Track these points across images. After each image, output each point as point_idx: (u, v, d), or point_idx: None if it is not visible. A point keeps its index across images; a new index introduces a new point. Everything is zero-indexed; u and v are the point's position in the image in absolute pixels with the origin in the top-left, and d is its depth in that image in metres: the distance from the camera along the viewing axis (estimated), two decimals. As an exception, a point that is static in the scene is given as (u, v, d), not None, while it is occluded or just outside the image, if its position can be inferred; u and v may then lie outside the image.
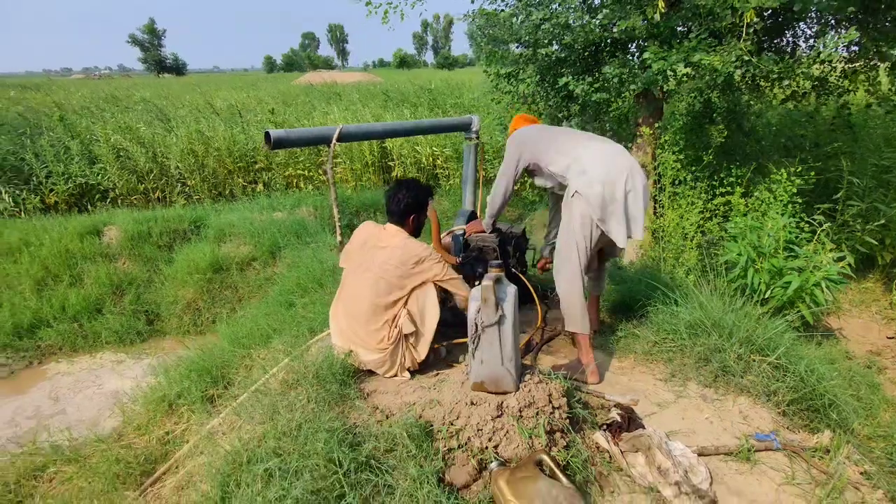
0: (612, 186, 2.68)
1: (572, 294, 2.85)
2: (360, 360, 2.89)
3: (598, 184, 2.67)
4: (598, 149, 2.80)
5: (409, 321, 2.79)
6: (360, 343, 2.85)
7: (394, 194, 2.87)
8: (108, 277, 5.49)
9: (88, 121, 8.82)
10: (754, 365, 2.78)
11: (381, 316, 2.78)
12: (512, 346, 2.12)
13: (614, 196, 2.68)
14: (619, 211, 2.70)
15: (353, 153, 8.19)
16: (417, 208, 2.89)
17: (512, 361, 2.13)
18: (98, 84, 31.44)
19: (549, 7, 4.65)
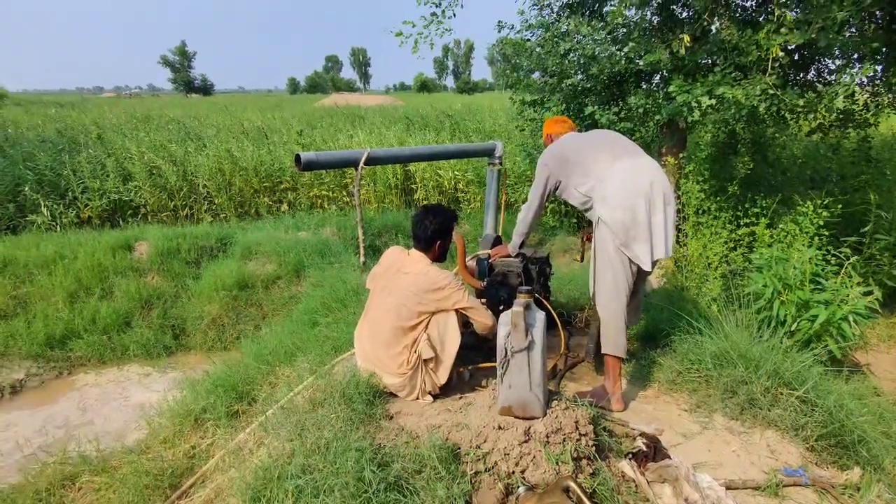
0: (633, 211, 2.71)
1: (609, 314, 2.90)
2: (382, 382, 2.94)
3: (618, 210, 2.73)
4: (620, 169, 2.81)
5: (428, 346, 2.83)
6: (381, 366, 2.90)
7: (420, 220, 2.93)
8: (137, 291, 5.64)
9: (122, 139, 9.14)
10: (782, 398, 2.77)
11: (402, 340, 2.83)
12: (540, 372, 2.15)
13: (636, 220, 2.71)
14: (642, 234, 2.74)
15: (377, 175, 8.34)
16: (443, 234, 2.95)
17: (540, 387, 2.16)
18: (129, 103, 32.52)
19: (574, 38, 4.76)
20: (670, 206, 2.79)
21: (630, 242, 2.76)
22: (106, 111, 18.17)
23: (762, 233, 4.24)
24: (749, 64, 3.79)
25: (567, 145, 3.08)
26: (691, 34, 4.00)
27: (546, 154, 3.11)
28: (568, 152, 3.03)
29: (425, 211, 2.97)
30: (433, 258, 3.00)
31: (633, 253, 2.76)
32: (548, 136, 3.36)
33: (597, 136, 3.13)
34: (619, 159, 2.84)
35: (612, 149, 2.92)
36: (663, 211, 2.75)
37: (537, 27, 4.97)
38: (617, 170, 2.81)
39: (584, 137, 3.14)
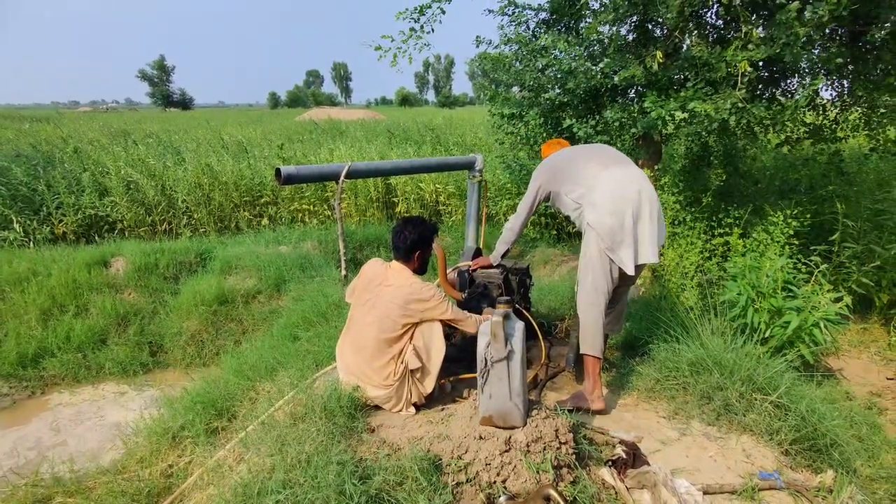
0: (621, 216, 2.81)
1: (588, 316, 2.97)
2: (366, 395, 2.94)
3: (607, 215, 2.83)
4: (609, 178, 2.92)
5: (414, 357, 2.85)
6: (365, 379, 2.90)
7: (400, 231, 2.96)
8: (113, 308, 5.54)
9: (99, 153, 9.01)
10: (756, 404, 2.83)
11: (387, 352, 2.84)
12: (520, 382, 2.17)
13: (623, 225, 2.82)
14: (627, 239, 2.83)
15: (358, 189, 8.36)
16: (423, 245, 2.97)
17: (520, 396, 2.18)
18: (106, 117, 32.09)
19: (551, 54, 4.87)
20: (657, 213, 2.89)
21: (616, 247, 2.86)
22: (82, 125, 17.91)
23: (736, 242, 4.35)
24: (719, 79, 3.91)
25: (558, 157, 3.23)
26: (664, 51, 4.12)
27: (539, 166, 3.26)
28: (559, 163, 3.18)
29: (405, 222, 3.01)
30: (414, 269, 3.03)
31: (618, 257, 2.85)
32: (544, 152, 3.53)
33: (587, 148, 3.29)
34: (608, 168, 2.96)
35: (601, 158, 3.04)
36: (650, 217, 2.86)
37: (515, 42, 5.07)
38: (606, 178, 2.92)
39: (575, 149, 3.29)
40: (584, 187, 2.98)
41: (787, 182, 5.41)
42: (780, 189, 5.28)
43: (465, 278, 3.83)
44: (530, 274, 4.06)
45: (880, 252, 4.80)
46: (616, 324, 3.33)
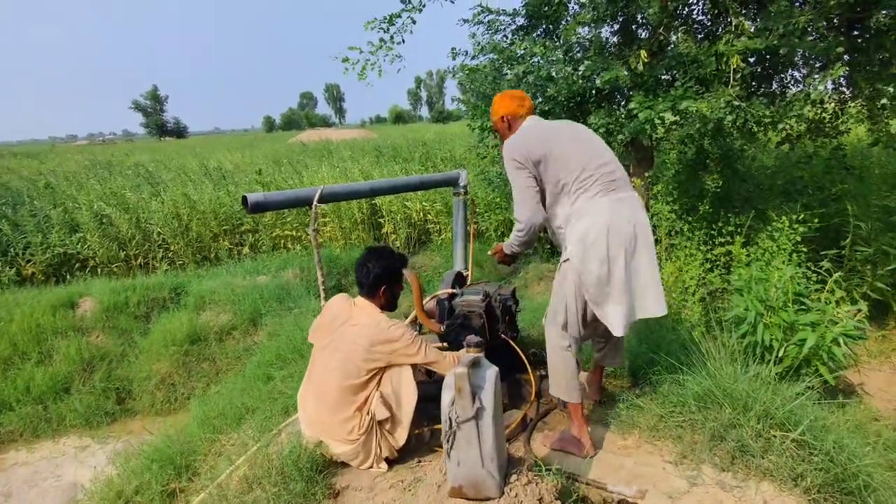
0: (611, 264, 2.34)
1: (556, 357, 2.58)
2: (330, 452, 2.58)
3: (594, 261, 2.33)
4: (602, 207, 2.36)
5: (382, 406, 2.50)
6: (329, 433, 2.55)
7: (362, 264, 2.64)
8: (78, 353, 5.18)
9: (74, 188, 8.72)
10: (775, 442, 2.45)
11: (351, 402, 2.49)
12: (493, 444, 1.81)
13: (613, 275, 2.34)
14: (617, 293, 2.36)
15: (342, 211, 8.04)
16: (388, 279, 2.64)
17: (494, 462, 1.82)
18: (99, 149, 32.00)
19: (530, 61, 4.57)
20: (653, 252, 2.43)
21: (602, 301, 2.38)
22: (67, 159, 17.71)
23: (738, 252, 4.00)
24: (709, 76, 3.60)
25: (535, 141, 2.48)
26: (648, 49, 3.81)
27: (510, 148, 2.49)
28: (539, 149, 2.44)
29: (368, 254, 2.68)
30: (380, 306, 2.69)
31: (604, 313, 2.40)
32: (501, 119, 2.68)
33: (575, 144, 2.47)
34: (604, 194, 2.39)
35: (595, 176, 2.41)
36: (648, 259, 2.40)
37: (490, 51, 4.78)
38: (598, 206, 2.36)
39: (557, 136, 2.49)
40: (571, 207, 2.45)
41: (791, 182, 5.06)
42: (783, 190, 4.93)
43: (444, 307, 3.47)
44: (516, 298, 3.69)
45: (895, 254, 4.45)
46: (614, 356, 2.92)
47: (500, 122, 2.69)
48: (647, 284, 2.40)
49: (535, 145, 2.46)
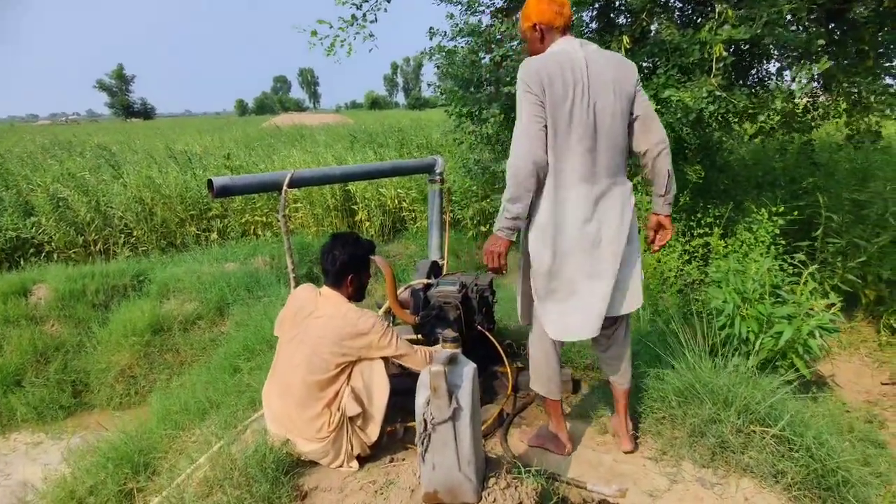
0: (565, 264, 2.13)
1: (536, 349, 2.42)
2: (297, 450, 2.44)
3: (547, 251, 2.12)
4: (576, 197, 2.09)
5: (353, 401, 2.37)
6: (295, 431, 2.41)
7: (328, 251, 2.49)
8: (31, 343, 4.90)
9: (29, 169, 8.26)
10: (755, 438, 2.42)
11: (319, 398, 2.35)
12: (470, 446, 1.70)
13: (566, 279, 2.14)
14: (562, 294, 2.17)
15: (314, 197, 7.80)
16: (356, 267, 2.50)
17: (471, 465, 1.71)
18: (61, 130, 30.67)
19: (509, 44, 4.43)
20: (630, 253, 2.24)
21: (547, 298, 2.19)
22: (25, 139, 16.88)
23: (717, 243, 3.98)
24: (691, 65, 3.52)
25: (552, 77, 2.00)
26: (630, 35, 3.71)
27: (526, 68, 2.04)
28: (557, 86, 1.99)
29: (333, 241, 2.53)
30: (348, 296, 2.55)
31: (545, 310, 2.21)
32: (532, 27, 2.16)
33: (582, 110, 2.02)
34: (585, 180, 2.09)
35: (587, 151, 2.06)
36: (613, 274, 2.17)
37: (468, 34, 4.61)
38: (573, 195, 2.09)
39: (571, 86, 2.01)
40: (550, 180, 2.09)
41: (766, 175, 5.07)
42: (759, 183, 4.94)
43: (419, 298, 3.35)
44: (493, 289, 3.59)
45: (866, 246, 4.49)
46: (614, 369, 2.49)
47: (532, 30, 2.17)
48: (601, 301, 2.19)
49: (556, 79, 2.00)
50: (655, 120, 2.17)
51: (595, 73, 2.03)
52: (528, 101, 2.02)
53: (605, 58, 2.10)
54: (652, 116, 2.17)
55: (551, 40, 2.14)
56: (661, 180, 2.21)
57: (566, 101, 2.00)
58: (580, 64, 2.03)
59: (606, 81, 2.04)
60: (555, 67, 2.00)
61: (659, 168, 2.19)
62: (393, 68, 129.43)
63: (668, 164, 2.19)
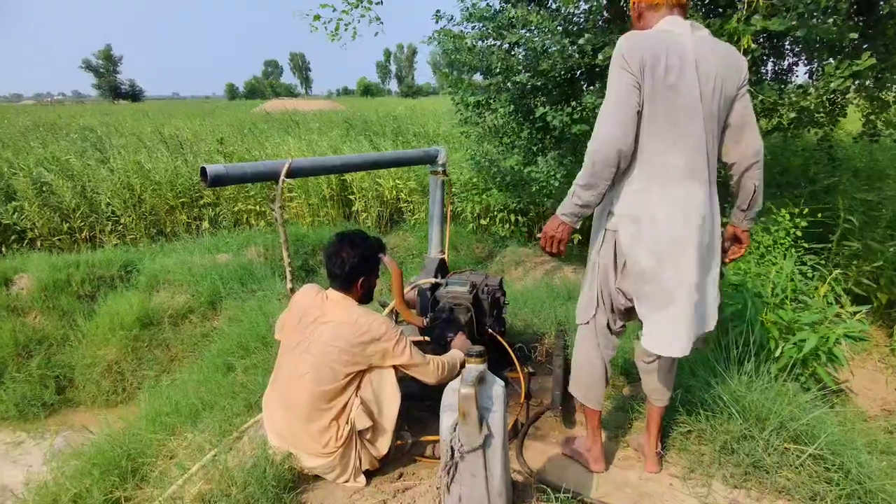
0: (664, 266, 1.88)
1: (579, 351, 2.23)
2: (301, 465, 2.27)
3: (644, 253, 1.88)
4: (677, 195, 1.85)
5: (363, 414, 2.19)
6: (300, 445, 2.23)
7: (335, 253, 2.26)
8: (12, 336, 4.66)
9: (11, 152, 7.92)
10: (790, 456, 2.27)
11: (326, 411, 2.17)
12: (502, 477, 1.53)
13: (662, 276, 1.89)
14: (657, 301, 1.91)
15: (310, 187, 7.57)
16: (367, 270, 2.30)
17: (503, 497, 1.54)
18: (45, 110, 29.91)
19: (521, 32, 4.22)
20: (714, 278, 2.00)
21: (643, 298, 1.94)
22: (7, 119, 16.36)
23: (734, 245, 3.82)
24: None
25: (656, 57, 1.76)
26: (652, 24, 3.52)
27: (621, 44, 1.80)
28: (659, 65, 1.75)
29: (341, 241, 2.30)
30: (357, 299, 2.35)
31: (643, 313, 1.96)
32: (633, 5, 1.96)
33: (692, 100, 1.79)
34: (692, 177, 1.85)
35: (695, 147, 1.83)
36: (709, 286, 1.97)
37: (478, 19, 4.39)
38: (679, 192, 1.85)
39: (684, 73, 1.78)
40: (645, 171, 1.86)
41: (787, 173, 4.91)
42: (777, 182, 4.78)
43: (426, 298, 3.16)
44: (504, 289, 3.41)
45: (882, 249, 4.38)
46: (656, 385, 2.27)
47: (633, 8, 1.98)
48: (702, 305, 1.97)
49: (660, 60, 1.76)
50: (751, 130, 1.90)
51: (701, 65, 1.78)
52: (624, 81, 1.77)
53: (714, 48, 1.82)
54: (748, 126, 1.90)
55: (651, 19, 1.88)
56: (745, 195, 2.00)
57: (671, 87, 1.77)
58: (687, 50, 1.78)
59: (710, 75, 1.79)
60: (660, 48, 1.75)
61: (745, 183, 1.98)
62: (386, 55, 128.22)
63: (758, 178, 1.95)
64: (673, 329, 1.90)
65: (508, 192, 6.05)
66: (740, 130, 1.90)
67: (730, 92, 1.84)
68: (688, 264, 1.86)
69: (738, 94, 1.87)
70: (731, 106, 1.87)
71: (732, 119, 1.89)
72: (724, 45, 1.88)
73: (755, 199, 1.99)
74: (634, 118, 1.77)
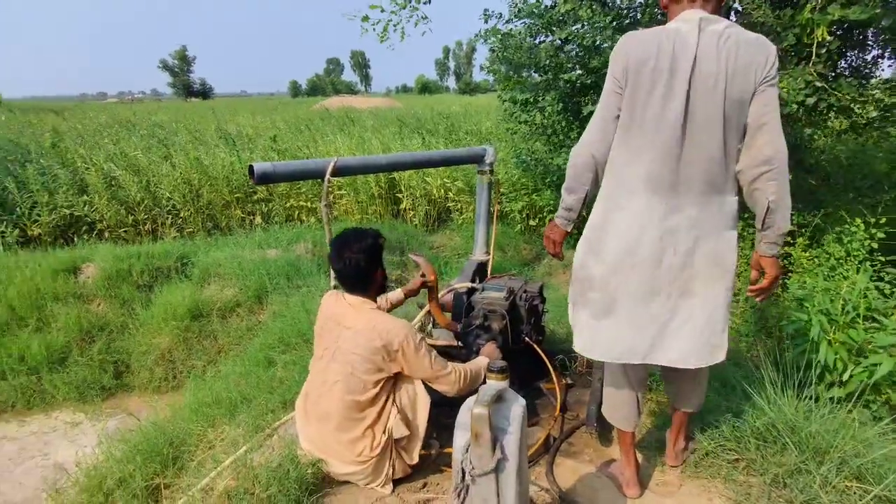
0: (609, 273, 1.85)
1: (607, 372, 2.15)
2: (332, 471, 2.25)
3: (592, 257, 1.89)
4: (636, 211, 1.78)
5: (401, 423, 2.16)
6: (332, 453, 2.21)
7: (340, 257, 2.19)
8: (77, 322, 4.94)
9: (85, 148, 8.45)
10: (852, 496, 2.04)
11: (359, 420, 2.14)
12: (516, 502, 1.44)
13: (603, 286, 1.86)
14: (598, 308, 1.90)
15: (359, 185, 7.65)
16: (375, 260, 2.23)
17: (516, 524, 1.45)
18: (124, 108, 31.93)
19: (571, 27, 4.05)
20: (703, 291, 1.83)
21: (581, 306, 1.96)
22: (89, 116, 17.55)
23: (800, 256, 3.52)
24: (786, 51, 3.07)
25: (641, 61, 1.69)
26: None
27: (617, 46, 1.77)
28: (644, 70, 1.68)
29: (339, 245, 2.22)
30: (375, 296, 2.32)
31: (577, 319, 1.99)
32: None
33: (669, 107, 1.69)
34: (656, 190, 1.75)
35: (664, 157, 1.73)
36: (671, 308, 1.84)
37: (527, 15, 4.25)
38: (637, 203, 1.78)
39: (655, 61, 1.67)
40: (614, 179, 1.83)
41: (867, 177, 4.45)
42: (857, 187, 4.36)
43: (462, 302, 3.08)
44: (544, 296, 3.28)
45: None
46: (680, 398, 2.20)
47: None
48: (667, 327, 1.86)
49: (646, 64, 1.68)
50: (767, 133, 1.69)
51: (702, 65, 1.65)
52: (608, 85, 1.78)
53: (724, 45, 1.65)
54: (765, 128, 1.69)
55: (673, 12, 1.77)
56: (758, 211, 1.73)
57: (650, 93, 1.69)
58: (688, 49, 1.65)
59: (713, 75, 1.64)
60: (651, 50, 1.67)
61: (755, 197, 1.73)
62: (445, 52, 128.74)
63: (772, 193, 1.69)
64: (615, 335, 1.89)
65: (553, 192, 5.87)
66: (753, 134, 1.71)
67: (740, 92, 1.66)
68: (638, 278, 1.80)
69: (755, 93, 1.68)
70: (745, 107, 1.69)
71: (749, 121, 1.71)
72: (742, 41, 1.66)
73: (772, 217, 1.72)
74: (612, 123, 1.78)
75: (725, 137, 1.70)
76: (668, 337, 1.86)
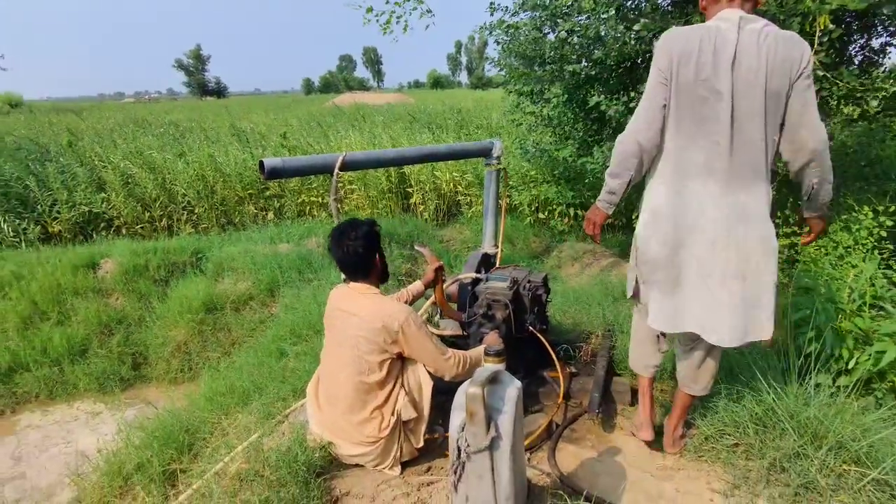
0: (675, 252, 1.95)
1: (633, 318, 2.41)
2: (341, 453, 2.33)
3: (653, 239, 1.98)
4: (696, 193, 1.89)
5: (409, 405, 2.24)
6: (342, 435, 2.30)
7: (338, 247, 2.27)
8: (97, 315, 5.10)
9: (102, 146, 8.64)
10: (849, 480, 2.06)
11: (369, 401, 2.22)
12: (510, 481, 1.49)
13: (669, 264, 1.96)
14: (667, 286, 1.99)
15: (369, 179, 7.73)
16: (374, 246, 2.31)
17: (511, 500, 1.50)
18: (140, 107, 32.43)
19: (576, 19, 4.07)
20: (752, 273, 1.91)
21: (651, 286, 2.05)
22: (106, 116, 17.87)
23: (806, 244, 3.50)
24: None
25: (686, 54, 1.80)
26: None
27: (662, 39, 1.88)
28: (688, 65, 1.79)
29: (337, 237, 2.30)
30: (378, 282, 2.39)
31: (648, 299, 2.10)
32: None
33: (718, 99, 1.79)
34: (712, 173, 1.86)
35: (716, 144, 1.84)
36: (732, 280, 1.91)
37: (531, 7, 4.27)
38: (696, 186, 1.89)
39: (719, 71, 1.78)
40: (668, 163, 1.94)
41: (872, 163, 4.41)
42: (864, 175, 4.31)
43: (467, 293, 3.14)
44: (548, 286, 3.32)
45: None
46: (689, 376, 2.26)
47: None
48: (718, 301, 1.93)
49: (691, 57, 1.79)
50: (808, 126, 1.82)
51: (743, 59, 1.76)
52: (653, 76, 1.89)
53: (763, 42, 1.76)
54: (805, 122, 1.82)
55: (711, 11, 1.90)
56: (805, 189, 1.97)
57: (699, 85, 1.80)
58: (728, 45, 1.77)
59: (753, 70, 1.76)
60: (694, 43, 1.79)
61: (803, 180, 1.96)
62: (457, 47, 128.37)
63: (817, 176, 1.90)
64: (677, 310, 1.99)
65: (562, 185, 5.88)
66: (797, 129, 1.84)
67: (779, 87, 1.78)
68: (700, 253, 1.90)
69: (794, 89, 1.79)
70: (784, 101, 1.81)
71: (788, 115, 1.83)
72: (780, 38, 1.77)
73: (817, 192, 1.96)
74: (659, 113, 1.88)
75: (766, 129, 1.82)
76: (719, 314, 1.94)
